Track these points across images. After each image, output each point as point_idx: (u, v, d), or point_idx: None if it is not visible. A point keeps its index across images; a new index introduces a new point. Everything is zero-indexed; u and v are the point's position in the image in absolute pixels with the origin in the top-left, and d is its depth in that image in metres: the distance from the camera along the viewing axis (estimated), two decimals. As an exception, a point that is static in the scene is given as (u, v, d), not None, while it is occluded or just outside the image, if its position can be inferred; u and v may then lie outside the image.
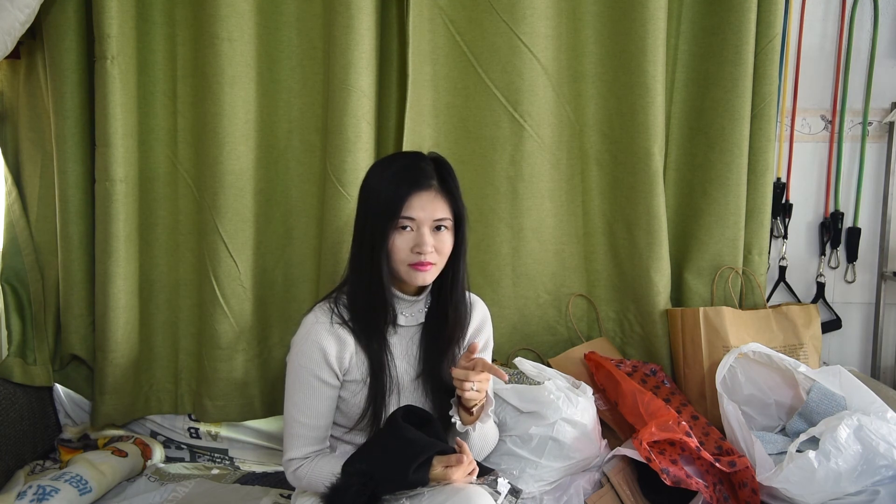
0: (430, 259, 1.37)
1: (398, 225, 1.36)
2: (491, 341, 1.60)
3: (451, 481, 1.28)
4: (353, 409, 1.43)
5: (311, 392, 1.40)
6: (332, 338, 1.40)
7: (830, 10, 2.10)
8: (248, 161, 1.88)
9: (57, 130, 1.87)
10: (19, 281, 1.98)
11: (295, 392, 1.41)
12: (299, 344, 1.41)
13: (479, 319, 1.55)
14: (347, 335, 1.41)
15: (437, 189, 1.39)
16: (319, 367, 1.39)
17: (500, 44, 1.89)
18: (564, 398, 1.63)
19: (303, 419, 1.41)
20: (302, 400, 1.40)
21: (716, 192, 1.94)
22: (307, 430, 1.41)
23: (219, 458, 2.05)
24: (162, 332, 2.01)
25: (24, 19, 1.67)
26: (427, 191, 1.37)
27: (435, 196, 1.38)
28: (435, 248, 1.37)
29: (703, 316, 1.86)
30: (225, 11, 1.80)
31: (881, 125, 2.14)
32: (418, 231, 1.37)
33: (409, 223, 1.37)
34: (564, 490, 1.63)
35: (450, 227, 1.40)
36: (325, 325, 1.41)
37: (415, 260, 1.37)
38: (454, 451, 1.32)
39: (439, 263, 1.40)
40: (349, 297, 1.44)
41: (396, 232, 1.37)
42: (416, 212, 1.36)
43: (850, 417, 1.52)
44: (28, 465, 1.86)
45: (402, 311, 1.46)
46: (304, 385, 1.40)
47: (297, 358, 1.41)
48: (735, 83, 1.90)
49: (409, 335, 1.48)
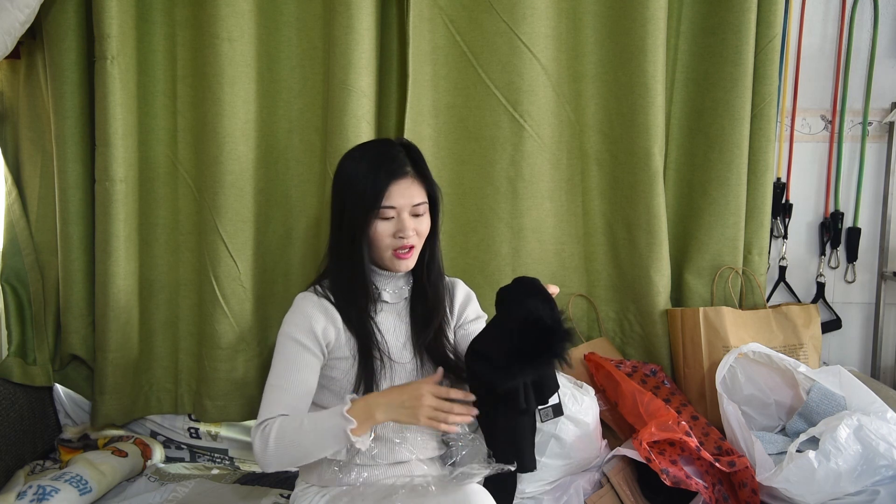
0: (411, 242, 1.43)
1: (380, 214, 1.41)
2: (482, 313, 1.62)
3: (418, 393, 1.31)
4: (345, 387, 1.45)
5: (292, 358, 1.42)
6: (320, 312, 1.44)
7: (830, 10, 2.10)
8: (248, 161, 1.88)
9: (57, 130, 1.87)
10: (19, 281, 1.98)
11: (277, 362, 1.44)
12: (288, 315, 1.47)
13: (462, 296, 1.60)
14: (335, 313, 1.45)
15: (412, 175, 1.44)
16: (302, 333, 1.42)
17: (500, 44, 1.89)
18: (570, 396, 1.63)
19: (280, 383, 1.40)
20: (282, 367, 1.42)
21: (716, 192, 1.94)
22: (281, 394, 1.39)
23: (219, 458, 2.05)
24: (162, 332, 2.01)
25: (24, 19, 1.67)
26: (404, 178, 1.42)
27: (411, 182, 1.43)
28: (415, 230, 1.43)
29: (703, 316, 1.86)
30: (225, 11, 1.80)
31: (881, 125, 2.14)
32: (399, 217, 1.42)
33: (390, 212, 1.42)
34: (564, 490, 1.63)
35: (426, 211, 1.46)
36: (313, 300, 1.46)
37: (398, 245, 1.42)
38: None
39: (418, 245, 1.46)
40: (332, 284, 1.48)
41: (378, 221, 1.42)
42: (397, 199, 1.41)
43: (850, 417, 1.52)
44: (28, 465, 1.86)
45: (384, 287, 1.50)
46: (286, 351, 1.43)
47: (284, 328, 1.45)
48: (735, 83, 1.90)
49: (396, 311, 1.51)
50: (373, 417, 1.32)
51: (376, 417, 1.32)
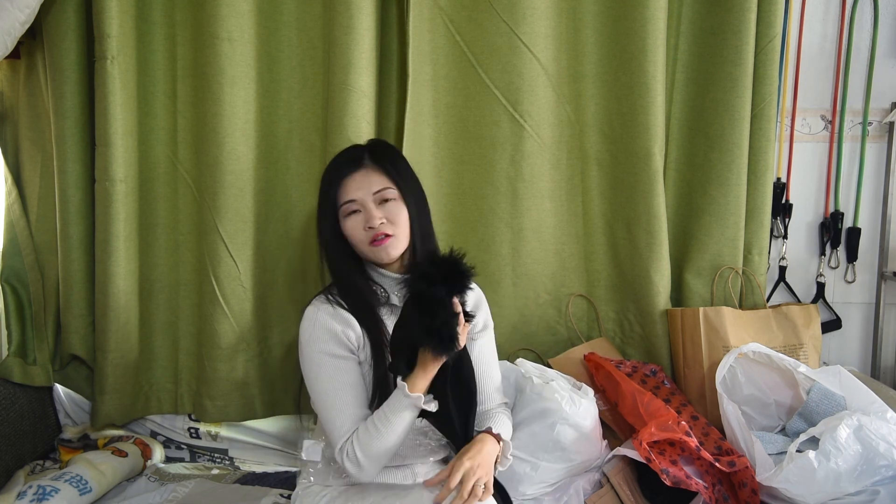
0: (384, 230, 1.41)
1: (346, 211, 1.43)
2: (490, 321, 1.61)
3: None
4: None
5: (332, 374, 1.39)
6: (337, 320, 1.41)
7: (830, 10, 2.10)
8: (248, 161, 1.88)
9: (57, 130, 1.87)
10: (19, 281, 1.98)
11: (318, 382, 1.40)
12: (307, 333, 1.42)
13: (472, 301, 1.56)
14: (349, 316, 1.43)
15: (369, 166, 1.45)
16: (333, 345, 1.40)
17: (500, 44, 1.89)
18: (568, 399, 1.62)
19: (335, 403, 1.37)
20: (328, 386, 1.38)
21: (716, 192, 1.94)
22: (342, 414, 1.37)
23: (219, 458, 2.05)
24: (162, 332, 2.01)
25: (24, 19, 1.67)
26: (358, 171, 1.45)
27: (367, 172, 1.45)
28: (386, 218, 1.42)
29: (703, 316, 1.86)
30: (225, 11, 1.80)
31: (881, 125, 2.14)
32: (364, 209, 1.42)
33: (353, 206, 1.43)
34: (564, 490, 1.63)
35: (396, 196, 1.44)
36: (327, 311, 1.43)
37: (370, 236, 1.42)
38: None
39: (399, 234, 1.43)
40: (340, 291, 1.47)
41: (347, 218, 1.43)
42: (353, 192, 1.43)
43: (850, 417, 1.52)
44: (28, 465, 1.86)
45: (392, 290, 1.48)
46: (325, 369, 1.39)
47: (309, 348, 1.41)
48: (735, 83, 1.90)
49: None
50: (425, 373, 1.33)
51: (427, 370, 1.33)
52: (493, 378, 1.57)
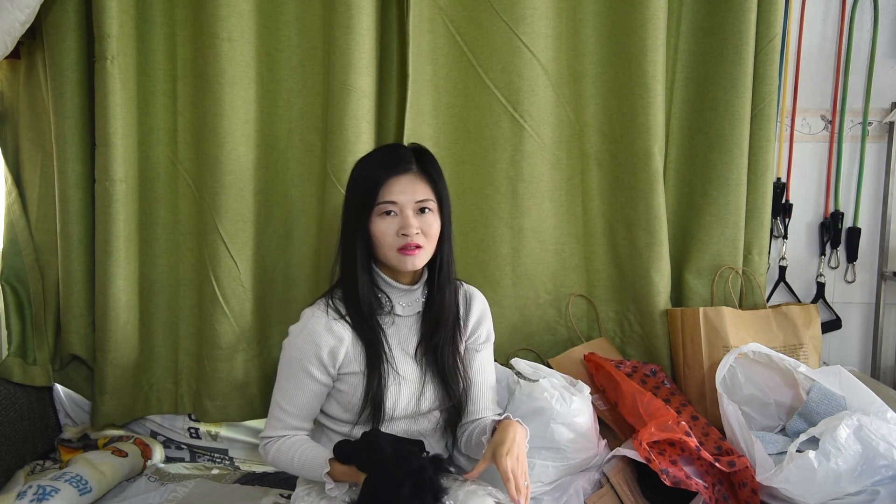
0: (416, 241, 1.39)
1: (381, 210, 1.39)
2: (492, 334, 1.60)
3: None
4: (354, 401, 1.43)
5: (298, 384, 1.43)
6: (327, 334, 1.41)
7: (830, 10, 2.10)
8: (248, 161, 1.88)
9: (57, 130, 1.87)
10: (19, 281, 1.98)
11: (283, 379, 1.45)
12: (295, 335, 1.44)
13: (478, 312, 1.56)
14: (343, 329, 1.42)
15: (416, 172, 1.41)
16: (310, 362, 1.41)
17: (500, 44, 1.89)
18: (559, 397, 1.61)
19: (284, 405, 1.44)
20: (287, 388, 1.44)
21: (716, 192, 1.94)
22: (285, 416, 1.44)
23: (219, 458, 2.05)
24: (162, 332, 2.01)
25: (24, 19, 1.67)
26: (406, 174, 1.40)
27: (414, 178, 1.41)
28: (421, 229, 1.39)
29: (703, 316, 1.86)
30: (225, 11, 1.80)
31: (881, 125, 2.14)
32: (402, 214, 1.39)
33: (391, 207, 1.39)
34: (564, 490, 1.63)
35: (434, 209, 1.42)
36: (321, 321, 1.42)
37: (402, 243, 1.38)
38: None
39: (427, 247, 1.41)
40: (343, 290, 1.46)
41: (380, 218, 1.39)
42: (397, 195, 1.39)
43: (850, 417, 1.52)
44: (28, 465, 1.86)
45: (398, 300, 1.47)
46: (293, 375, 1.43)
47: (291, 348, 1.44)
48: (735, 83, 1.90)
49: (408, 325, 1.48)
50: (352, 476, 1.32)
51: (356, 479, 1.32)
52: (490, 390, 1.57)
